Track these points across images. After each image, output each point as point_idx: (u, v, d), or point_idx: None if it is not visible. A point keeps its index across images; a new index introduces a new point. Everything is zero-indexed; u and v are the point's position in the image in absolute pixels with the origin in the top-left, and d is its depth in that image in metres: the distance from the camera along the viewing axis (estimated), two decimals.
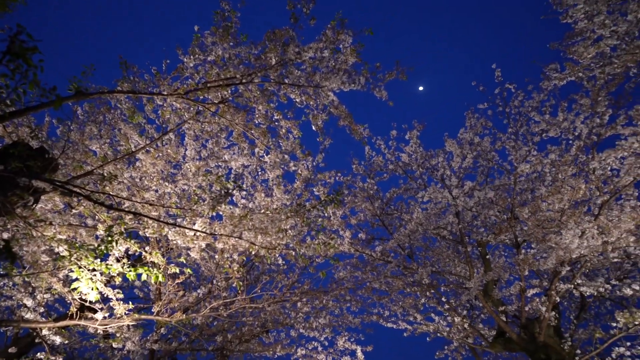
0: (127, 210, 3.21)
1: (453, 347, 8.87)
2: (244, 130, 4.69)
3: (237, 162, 5.14)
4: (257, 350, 6.87)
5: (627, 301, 8.22)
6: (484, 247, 7.70)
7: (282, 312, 6.52)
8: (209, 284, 6.08)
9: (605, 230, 5.30)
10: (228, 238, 3.66)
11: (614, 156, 5.80)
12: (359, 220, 7.27)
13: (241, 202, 5.91)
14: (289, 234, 3.87)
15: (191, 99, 4.28)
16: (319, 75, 4.17)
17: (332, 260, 4.01)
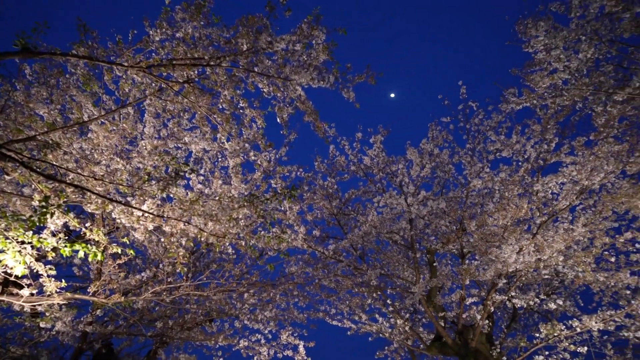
0: (69, 183, 3.02)
1: (393, 348, 9.19)
2: (207, 114, 4.56)
3: (197, 146, 4.99)
4: (199, 339, 6.73)
5: (552, 314, 8.93)
6: (432, 255, 8.03)
7: (228, 302, 6.43)
8: (154, 268, 5.87)
9: (540, 248, 5.71)
10: (177, 222, 3.55)
11: (555, 181, 6.25)
12: (316, 218, 7.33)
13: (198, 186, 5.75)
14: (240, 224, 3.82)
15: (154, 74, 4.10)
16: (289, 68, 4.14)
17: (282, 254, 4.01)
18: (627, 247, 6.14)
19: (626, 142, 5.74)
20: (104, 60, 3.51)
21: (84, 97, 4.37)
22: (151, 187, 3.20)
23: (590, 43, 5.12)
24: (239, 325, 6.81)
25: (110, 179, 4.09)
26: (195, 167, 5.13)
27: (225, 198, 3.83)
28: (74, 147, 4.36)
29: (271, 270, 3.83)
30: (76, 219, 3.47)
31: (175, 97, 4.49)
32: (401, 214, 6.91)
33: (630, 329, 6.43)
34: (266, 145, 4.26)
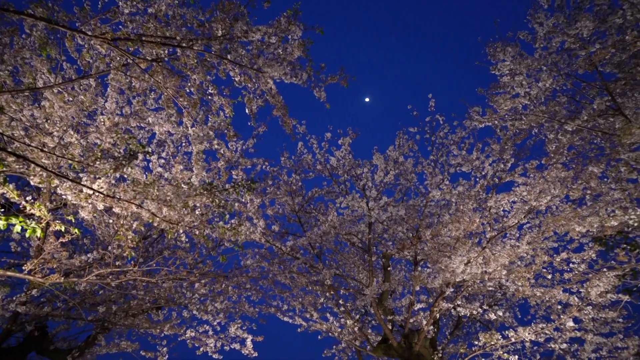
0: (10, 151, 2.82)
1: (341, 348, 9.35)
2: (174, 96, 4.42)
3: (162, 128, 4.82)
4: (144, 326, 6.51)
5: (492, 324, 9.45)
6: (387, 260, 8.24)
7: (178, 290, 6.27)
8: (102, 250, 5.60)
9: (487, 261, 6.01)
10: (129, 204, 3.41)
11: (507, 199, 6.61)
12: (276, 213, 7.31)
13: (158, 169, 5.56)
14: (196, 213, 3.74)
15: (120, 48, 3.91)
16: (263, 60, 4.10)
17: (236, 246, 3.96)
18: (562, 266, 6.61)
19: (572, 170, 6.17)
20: (64, 25, 3.31)
21: (39, 62, 4.09)
22: (104, 165, 3.06)
23: (550, 74, 5.46)
24: (187, 315, 6.66)
25: (61, 152, 3.86)
26: (150, 149, 4.95)
27: (183, 184, 3.73)
28: (23, 114, 4.08)
29: (223, 261, 3.77)
30: (18, 191, 3.25)
31: (141, 74, 4.31)
32: (361, 217, 7.03)
33: (557, 341, 6.93)
34: (232, 135, 4.19)
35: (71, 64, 4.52)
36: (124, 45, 3.92)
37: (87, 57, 3.96)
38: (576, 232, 5.85)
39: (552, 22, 5.35)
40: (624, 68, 5.11)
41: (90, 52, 3.96)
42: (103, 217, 5.11)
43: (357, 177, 7.44)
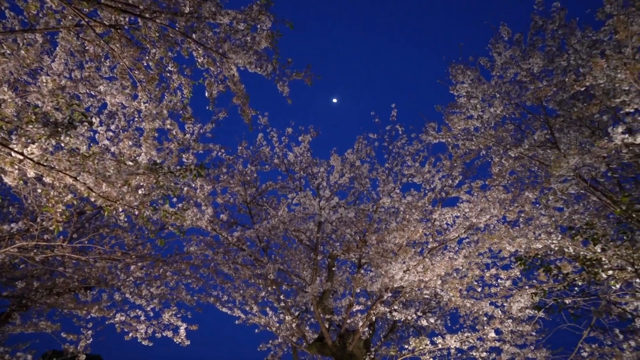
0: None
1: (277, 342, 9.37)
2: (130, 68, 4.19)
3: (114, 99, 4.54)
4: (68, 306, 6.10)
5: (424, 330, 9.94)
6: (333, 260, 8.37)
7: (112, 272, 5.94)
8: (29, 221, 5.17)
9: (425, 270, 6.30)
10: (64, 175, 3.18)
11: (451, 214, 6.98)
12: (227, 202, 7.16)
13: (104, 142, 5.23)
14: (139, 192, 3.57)
15: (74, 6, 3.64)
16: (229, 45, 4.00)
17: (178, 231, 3.83)
18: (492, 281, 7.10)
19: (511, 193, 6.64)
20: None
21: None
22: (39, 129, 2.82)
23: (502, 101, 5.83)
24: (118, 298, 6.33)
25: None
26: (99, 119, 4.65)
27: (129, 161, 3.55)
28: None
29: (162, 245, 3.64)
30: None
31: (96, 39, 4.03)
32: (312, 215, 7.09)
33: (479, 349, 7.44)
34: (187, 117, 4.04)
35: (16, 14, 4.13)
36: (78, 4, 3.65)
37: (34, 8, 3.64)
38: (507, 251, 6.30)
39: (510, 54, 5.71)
40: (564, 106, 5.58)
41: (37, 3, 3.63)
42: (34, 185, 4.72)
43: (313, 175, 7.48)
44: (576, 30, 5.30)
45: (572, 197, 6.49)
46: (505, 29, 5.84)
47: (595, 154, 4.17)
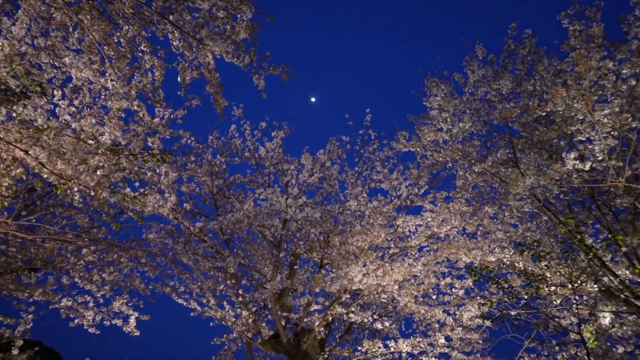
0: None
1: (231, 337, 9.25)
2: (99, 42, 4.00)
3: (80, 73, 4.31)
4: (9, 288, 5.73)
5: (379, 333, 10.14)
6: (295, 258, 8.37)
7: (62, 254, 5.64)
8: None
9: (383, 275, 6.43)
10: (14, 148, 2.99)
11: (414, 222, 7.16)
12: (192, 191, 6.99)
13: (65, 117, 4.96)
14: (98, 173, 3.42)
15: None
16: (207, 31, 3.91)
17: (136, 216, 3.70)
18: (446, 290, 7.35)
19: (472, 206, 6.90)
20: None
21: None
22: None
23: (471, 117, 6.05)
24: (66, 281, 6.01)
25: None
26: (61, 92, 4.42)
27: (89, 139, 3.39)
28: None
29: (117, 229, 3.50)
30: None
31: (65, 7, 3.83)
32: (278, 212, 7.06)
33: (429, 354, 7.68)
34: (156, 101, 3.91)
35: None
36: None
37: None
38: (463, 262, 6.54)
39: (482, 73, 5.94)
40: (527, 128, 5.87)
41: None
42: None
43: (283, 172, 7.45)
44: (544, 58, 5.59)
45: (526, 215, 6.83)
46: (480, 49, 6.07)
47: (549, 176, 4.42)
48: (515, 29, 5.68)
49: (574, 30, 4.79)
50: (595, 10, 4.68)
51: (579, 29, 4.82)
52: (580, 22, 4.79)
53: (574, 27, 4.78)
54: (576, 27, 4.76)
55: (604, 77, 4.06)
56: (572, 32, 4.85)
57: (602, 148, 3.97)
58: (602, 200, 5.41)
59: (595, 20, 4.65)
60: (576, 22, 4.80)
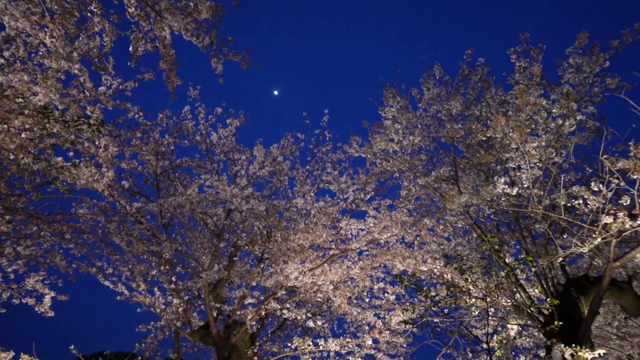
0: None
1: (159, 325, 8.88)
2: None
3: (15, 22, 3.90)
4: None
5: (311, 331, 10.29)
6: (236, 250, 8.23)
7: None
8: None
9: (320, 275, 6.54)
10: None
11: (357, 226, 7.36)
12: (134, 168, 6.62)
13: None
14: (21, 136, 3.12)
15: None
16: (166, 3, 3.73)
17: (62, 187, 3.42)
18: (379, 294, 7.64)
19: (413, 217, 7.23)
20: None
21: None
22: None
23: (421, 132, 6.33)
24: None
25: None
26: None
27: (15, 97, 3.09)
28: None
29: (37, 199, 3.21)
30: None
31: None
32: (223, 201, 6.90)
33: (355, 355, 7.93)
34: (100, 68, 3.65)
35: None
36: None
37: None
38: (397, 269, 6.84)
39: (437, 91, 6.25)
40: (470, 150, 6.27)
41: None
42: None
43: (233, 161, 7.30)
44: (492, 87, 6.01)
45: (460, 231, 7.30)
46: (438, 69, 6.38)
47: (481, 196, 4.76)
48: (471, 55, 6.04)
49: (519, 66, 5.21)
50: (539, 51, 5.13)
51: (524, 66, 5.24)
52: (525, 60, 5.21)
53: (520, 64, 5.19)
54: (521, 64, 5.18)
55: (538, 113, 4.47)
56: (518, 67, 5.26)
57: (529, 177, 4.36)
58: (524, 224, 5.93)
59: (537, 61, 5.09)
60: (522, 59, 5.22)
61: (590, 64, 4.98)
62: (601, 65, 5.06)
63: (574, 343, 4.01)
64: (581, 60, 5.05)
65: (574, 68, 5.17)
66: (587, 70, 5.04)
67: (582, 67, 5.11)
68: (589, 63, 4.97)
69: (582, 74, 5.18)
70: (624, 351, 6.92)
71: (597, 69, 5.07)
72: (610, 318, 7.32)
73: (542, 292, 5.18)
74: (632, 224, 3.62)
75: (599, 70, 5.12)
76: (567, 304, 4.91)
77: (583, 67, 5.09)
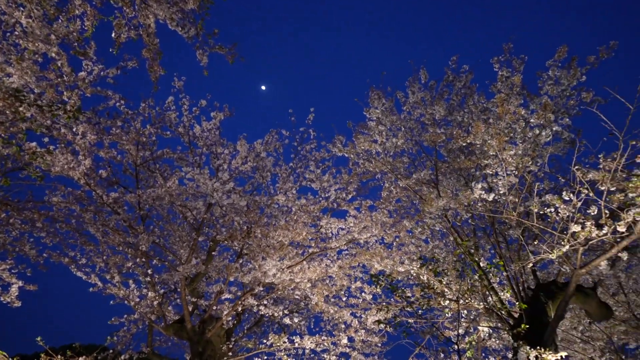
0: None
1: (132, 318, 8.72)
2: None
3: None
4: None
5: (288, 328, 10.30)
6: (215, 244, 8.15)
7: None
8: None
9: (298, 272, 6.55)
10: None
11: (337, 225, 7.39)
12: (112, 157, 6.47)
13: None
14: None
15: None
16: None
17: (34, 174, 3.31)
18: (356, 293, 7.71)
19: (393, 218, 7.32)
20: None
21: None
22: None
23: (404, 135, 6.41)
24: None
25: None
26: None
27: None
28: None
29: (6, 185, 3.11)
30: None
31: None
32: (204, 195, 6.83)
33: (330, 353, 7.99)
34: (80, 52, 3.55)
35: None
36: None
37: None
38: (375, 269, 6.91)
39: (421, 96, 6.33)
40: (451, 155, 6.39)
41: None
42: None
43: (216, 155, 7.23)
44: (475, 94, 6.13)
45: (438, 234, 7.43)
46: (424, 73, 6.47)
47: (459, 201, 4.86)
48: (456, 62, 6.15)
49: (501, 75, 5.33)
50: (520, 62, 5.27)
51: (506, 75, 5.37)
52: (508, 69, 5.34)
53: (502, 73, 5.32)
54: (503, 73, 5.30)
55: (517, 122, 4.60)
56: (500, 77, 5.39)
57: (505, 183, 4.48)
58: (499, 230, 6.09)
59: (518, 71, 5.23)
60: (504, 69, 5.35)
61: (568, 77, 5.15)
62: (578, 79, 5.24)
63: (540, 345, 4.15)
64: (560, 73, 5.22)
65: (553, 80, 5.33)
66: (565, 83, 5.21)
67: (561, 79, 5.27)
68: (567, 76, 5.14)
69: (561, 86, 5.35)
70: (587, 354, 7.21)
71: (575, 82, 5.25)
72: (576, 322, 7.61)
73: (513, 296, 5.34)
74: (598, 233, 3.77)
75: (576, 83, 5.29)
76: (535, 308, 5.07)
77: (561, 79, 5.26)
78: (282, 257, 6.57)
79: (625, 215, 3.55)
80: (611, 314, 5.76)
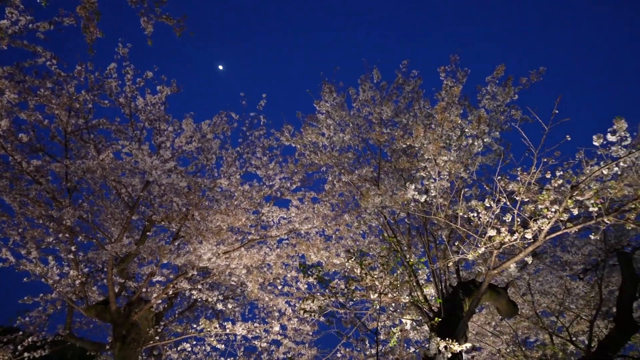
0: None
1: (50, 298, 8.10)
2: None
3: None
4: None
5: (222, 314, 10.18)
6: (150, 224, 7.78)
7: None
8: None
9: (233, 258, 6.49)
10: None
11: (279, 214, 7.41)
12: (37, 121, 5.90)
13: None
14: None
15: None
16: None
17: None
18: (292, 282, 7.82)
19: (334, 212, 7.48)
20: None
21: None
22: None
23: (352, 131, 6.56)
24: None
25: None
26: None
27: None
28: None
29: None
30: None
31: None
32: (142, 172, 6.49)
33: (262, 340, 8.05)
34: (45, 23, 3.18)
35: None
36: None
37: None
38: (311, 260, 7.04)
39: (371, 95, 6.50)
40: (394, 155, 6.65)
41: None
42: None
43: (159, 131, 6.88)
44: (421, 99, 6.42)
45: (376, 230, 7.73)
46: (377, 73, 6.64)
47: (395, 200, 5.10)
48: (406, 65, 6.38)
49: (446, 85, 5.64)
50: (464, 74, 5.61)
51: (450, 85, 5.69)
52: (452, 79, 5.66)
53: (447, 82, 5.62)
54: (448, 83, 5.61)
55: (453, 130, 4.91)
56: (445, 86, 5.70)
57: (437, 186, 4.78)
58: (430, 230, 6.49)
59: (462, 82, 5.56)
60: (449, 79, 5.66)
61: (503, 94, 5.58)
62: (512, 97, 5.70)
63: (452, 337, 4.52)
64: (497, 90, 5.64)
65: (491, 95, 5.75)
66: (500, 99, 5.64)
67: (497, 95, 5.70)
68: (502, 93, 5.57)
69: (496, 102, 5.78)
70: (496, 346, 7.97)
71: (508, 99, 5.70)
72: (490, 318, 8.38)
73: (436, 292, 5.74)
74: (510, 239, 4.17)
75: (509, 101, 5.75)
76: (453, 304, 5.50)
77: (497, 96, 5.68)
78: (220, 242, 6.46)
79: (532, 224, 3.96)
80: (517, 311, 6.42)
